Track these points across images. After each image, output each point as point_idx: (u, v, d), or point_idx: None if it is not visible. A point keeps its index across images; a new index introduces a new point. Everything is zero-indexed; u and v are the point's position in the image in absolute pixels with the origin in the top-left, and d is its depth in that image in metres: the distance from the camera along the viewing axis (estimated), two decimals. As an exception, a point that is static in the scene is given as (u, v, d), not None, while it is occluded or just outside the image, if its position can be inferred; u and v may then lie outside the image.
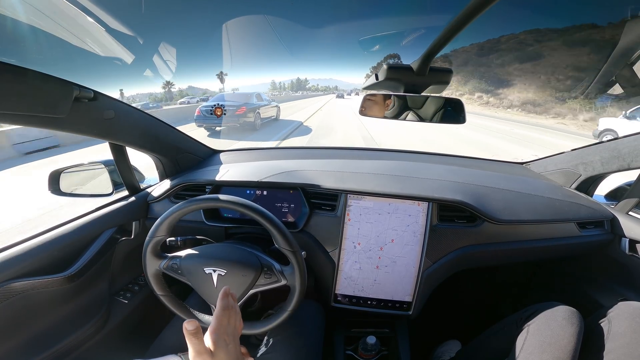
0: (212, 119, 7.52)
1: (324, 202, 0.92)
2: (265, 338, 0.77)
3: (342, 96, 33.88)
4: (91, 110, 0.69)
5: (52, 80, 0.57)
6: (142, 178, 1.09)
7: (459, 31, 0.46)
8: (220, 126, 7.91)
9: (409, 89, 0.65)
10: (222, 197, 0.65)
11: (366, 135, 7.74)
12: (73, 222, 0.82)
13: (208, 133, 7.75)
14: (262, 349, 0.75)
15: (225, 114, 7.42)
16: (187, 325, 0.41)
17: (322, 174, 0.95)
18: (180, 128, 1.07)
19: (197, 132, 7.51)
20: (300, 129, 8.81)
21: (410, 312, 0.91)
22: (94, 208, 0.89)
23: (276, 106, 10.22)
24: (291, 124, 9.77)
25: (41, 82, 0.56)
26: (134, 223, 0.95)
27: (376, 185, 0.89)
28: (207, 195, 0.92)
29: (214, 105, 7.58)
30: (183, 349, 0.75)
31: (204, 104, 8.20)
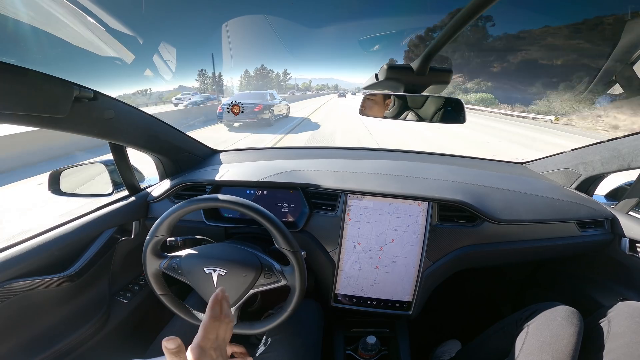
0: (233, 116, 8.30)
1: (324, 202, 0.92)
2: (265, 337, 0.78)
3: (344, 95, 33.57)
4: (91, 110, 0.69)
5: (52, 80, 0.57)
6: (142, 178, 1.08)
7: (459, 31, 0.46)
8: (239, 122, 8.78)
9: (409, 89, 0.65)
10: (222, 197, 0.65)
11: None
12: (73, 222, 0.82)
13: (228, 128, 8.59)
14: (261, 348, 0.75)
15: (243, 111, 8.17)
16: (167, 344, 0.35)
17: (322, 174, 0.95)
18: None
19: (217, 127, 8.56)
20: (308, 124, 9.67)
21: (410, 312, 0.91)
22: (94, 208, 0.89)
23: (286, 105, 10.98)
24: (299, 119, 10.88)
25: (41, 82, 0.56)
26: (134, 223, 0.95)
27: (376, 185, 0.89)
28: (207, 195, 0.92)
29: (231, 103, 8.28)
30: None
31: (225, 101, 9.29)
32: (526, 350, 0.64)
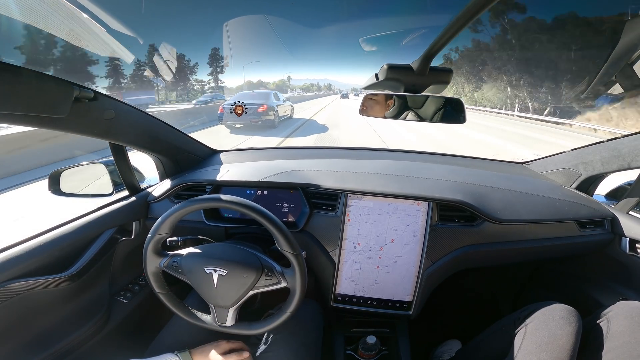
0: (235, 117, 7.81)
1: (324, 202, 0.92)
2: (265, 336, 0.78)
3: (346, 96, 32.84)
4: (91, 110, 0.69)
5: (52, 80, 0.57)
6: (142, 178, 1.09)
7: (459, 31, 0.46)
8: (242, 123, 8.20)
9: (409, 89, 0.65)
10: (224, 197, 0.65)
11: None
12: (73, 222, 0.82)
13: (230, 130, 8.06)
14: (262, 347, 0.75)
15: (247, 112, 7.65)
16: None
17: (322, 174, 0.95)
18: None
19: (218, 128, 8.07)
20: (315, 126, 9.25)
21: (411, 312, 0.91)
22: (94, 208, 0.89)
23: (290, 105, 10.53)
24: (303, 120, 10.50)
25: (41, 82, 0.56)
26: (134, 223, 0.95)
27: (376, 185, 0.89)
28: (209, 195, 0.92)
29: (234, 103, 7.78)
30: (181, 348, 0.75)
31: (227, 102, 8.64)
32: (525, 350, 0.65)
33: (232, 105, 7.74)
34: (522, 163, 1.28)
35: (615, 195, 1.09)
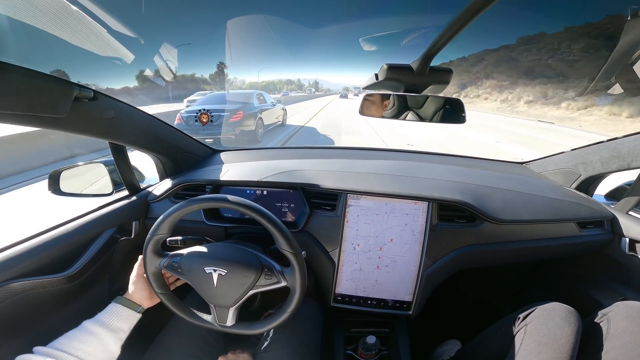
0: (198, 128, 5.47)
1: (324, 201, 0.92)
2: (265, 335, 0.78)
3: (345, 96, 32.11)
4: (91, 110, 0.69)
5: (51, 80, 0.57)
6: (142, 178, 1.09)
7: (460, 31, 0.46)
8: (209, 137, 5.58)
9: (409, 89, 0.65)
10: (224, 197, 0.65)
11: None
12: (73, 221, 0.82)
13: None
14: (262, 346, 0.75)
15: (212, 121, 5.50)
16: None
17: (322, 174, 0.95)
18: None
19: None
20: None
21: (411, 312, 0.91)
22: (94, 208, 0.89)
23: (282, 109, 8.35)
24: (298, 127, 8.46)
25: (41, 82, 0.56)
26: (134, 223, 0.95)
27: (376, 185, 0.89)
28: (209, 195, 0.92)
29: (199, 110, 5.52)
30: (182, 350, 0.75)
31: (187, 108, 6.23)
32: (524, 350, 0.64)
33: (195, 113, 5.50)
34: (521, 163, 1.28)
35: (615, 195, 1.09)
